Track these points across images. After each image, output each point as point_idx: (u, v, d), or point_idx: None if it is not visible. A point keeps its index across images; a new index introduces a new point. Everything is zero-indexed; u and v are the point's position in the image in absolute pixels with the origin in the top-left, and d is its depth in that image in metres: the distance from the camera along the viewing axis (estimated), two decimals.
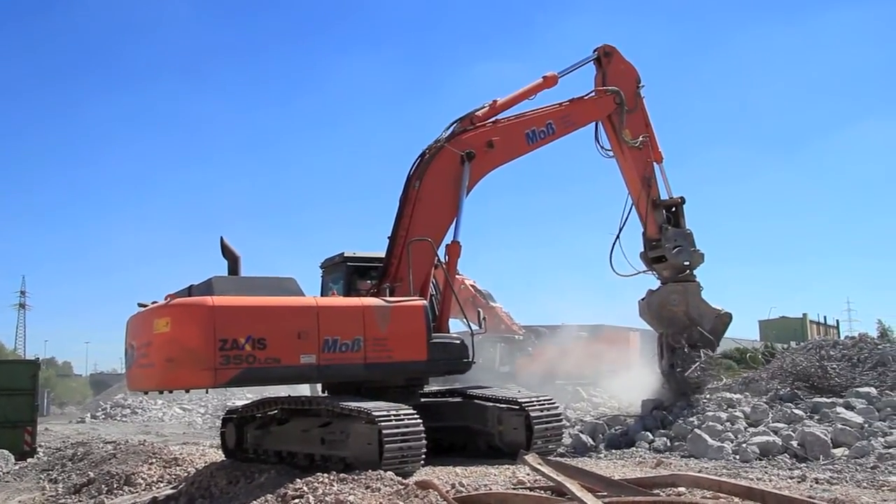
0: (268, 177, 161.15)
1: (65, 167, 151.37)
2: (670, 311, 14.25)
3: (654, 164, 14.69)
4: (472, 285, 26.13)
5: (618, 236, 14.50)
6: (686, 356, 13.98)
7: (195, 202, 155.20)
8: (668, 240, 14.36)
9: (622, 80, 14.32)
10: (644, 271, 14.83)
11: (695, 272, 14.64)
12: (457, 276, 12.95)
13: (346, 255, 12.19)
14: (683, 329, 14.19)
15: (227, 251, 10.62)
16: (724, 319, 14.61)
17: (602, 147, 14.41)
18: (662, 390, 14.48)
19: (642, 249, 14.80)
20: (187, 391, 10.24)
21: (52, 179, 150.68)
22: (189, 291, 9.94)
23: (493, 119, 12.70)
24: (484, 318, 13.22)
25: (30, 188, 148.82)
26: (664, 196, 14.77)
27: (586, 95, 14.07)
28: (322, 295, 12.12)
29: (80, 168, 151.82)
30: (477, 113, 12.52)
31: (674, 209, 14.80)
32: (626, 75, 14.45)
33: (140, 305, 10.21)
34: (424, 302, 10.88)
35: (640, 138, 14.32)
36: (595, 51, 14.42)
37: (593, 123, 14.27)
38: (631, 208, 14.64)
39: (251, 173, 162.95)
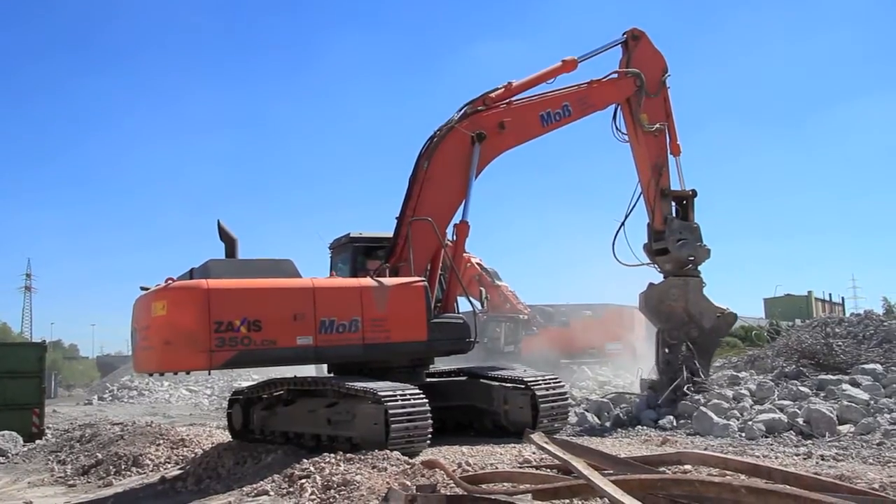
0: (265, 157, 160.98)
1: (69, 149, 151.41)
2: (669, 306, 13.66)
3: (671, 156, 14.18)
4: (478, 263, 26.12)
5: (622, 224, 14.03)
6: (676, 364, 13.44)
7: (201, 184, 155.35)
8: (672, 232, 13.83)
9: (648, 65, 13.90)
10: (647, 263, 14.31)
11: (699, 268, 14.02)
12: (463, 255, 12.84)
13: (352, 235, 12.19)
14: (681, 325, 13.63)
15: (224, 234, 10.62)
16: (728, 320, 14.09)
17: (618, 129, 14.01)
18: (654, 384, 14.09)
19: (646, 241, 14.27)
20: (188, 373, 10.29)
21: (55, 162, 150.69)
22: (190, 274, 9.96)
23: (506, 101, 12.42)
24: (487, 298, 13.20)
25: (33, 172, 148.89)
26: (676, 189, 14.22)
27: (606, 77, 13.68)
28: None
29: (84, 150, 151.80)
30: (490, 94, 12.26)
31: (684, 202, 14.26)
32: (653, 61, 14.01)
33: (142, 289, 10.23)
34: (424, 282, 10.83)
35: (657, 125, 13.85)
36: (624, 34, 13.95)
37: (612, 106, 13.87)
38: (639, 196, 14.16)
39: (249, 153, 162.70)
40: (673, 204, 14.24)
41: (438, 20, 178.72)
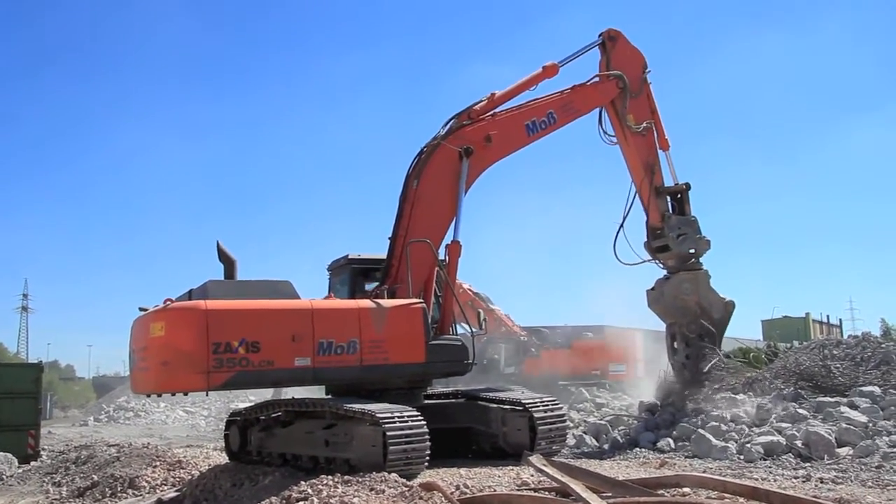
0: (263, 172, 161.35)
1: (64, 165, 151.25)
2: (683, 300, 14.00)
3: (661, 151, 14.36)
4: (468, 289, 26.15)
5: (621, 225, 14.23)
6: (700, 348, 13.92)
7: (198, 203, 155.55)
8: (671, 228, 14.10)
9: (627, 64, 14.03)
10: (648, 260, 14.55)
11: (701, 260, 14.35)
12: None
13: (350, 257, 12.21)
14: (695, 318, 13.98)
15: (223, 255, 10.67)
16: (729, 308, 14.47)
17: (605, 133, 14.14)
18: (669, 385, 14.30)
19: (646, 239, 14.52)
20: (185, 394, 10.32)
21: (51, 179, 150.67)
22: (189, 295, 9.98)
23: (491, 112, 12.47)
24: (484, 320, 13.21)
25: (29, 190, 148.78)
26: (670, 184, 14.46)
27: (588, 81, 13.77)
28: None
29: (82, 168, 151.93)
30: (475, 107, 12.31)
31: (679, 196, 14.48)
32: (632, 60, 14.15)
33: (141, 309, 10.25)
34: (422, 304, 10.83)
35: (644, 124, 14.01)
36: (600, 35, 14.09)
37: (597, 110, 13.98)
38: (634, 197, 14.35)
39: (246, 168, 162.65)
40: (668, 199, 14.43)
41: (435, 44, 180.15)
